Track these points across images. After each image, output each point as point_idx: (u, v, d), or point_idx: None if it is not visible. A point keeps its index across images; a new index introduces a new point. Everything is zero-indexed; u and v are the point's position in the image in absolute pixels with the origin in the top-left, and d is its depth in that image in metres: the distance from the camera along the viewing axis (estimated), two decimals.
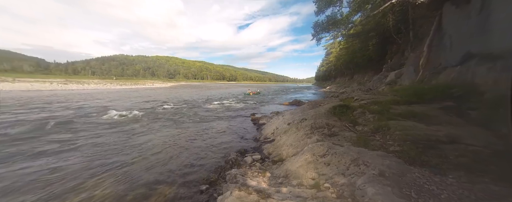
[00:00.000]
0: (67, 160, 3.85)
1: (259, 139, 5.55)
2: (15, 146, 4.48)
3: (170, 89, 33.94)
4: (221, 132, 6.34)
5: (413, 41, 10.06)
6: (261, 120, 8.03)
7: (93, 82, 43.01)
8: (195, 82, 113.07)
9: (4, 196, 2.63)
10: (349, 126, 4.12)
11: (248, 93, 24.06)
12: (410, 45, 10.69)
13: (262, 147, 4.72)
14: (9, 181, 3.00)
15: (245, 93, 24.31)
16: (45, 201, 2.53)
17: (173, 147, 4.74)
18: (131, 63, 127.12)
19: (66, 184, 2.96)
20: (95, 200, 2.59)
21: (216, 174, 3.31)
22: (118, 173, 3.34)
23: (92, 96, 17.38)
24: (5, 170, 3.35)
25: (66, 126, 6.45)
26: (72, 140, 5.10)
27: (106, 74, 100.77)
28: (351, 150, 2.96)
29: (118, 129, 6.34)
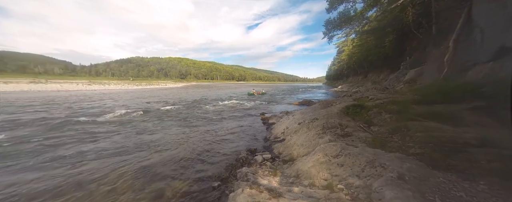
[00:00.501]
0: (91, 153, 4.19)
1: (269, 138, 5.55)
2: (52, 139, 4.98)
3: (181, 89, 35.22)
4: (231, 131, 6.44)
5: (436, 36, 9.29)
6: (271, 119, 8.00)
7: (113, 83, 46.20)
8: (205, 82, 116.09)
9: (39, 184, 2.95)
10: (363, 126, 3.95)
11: (252, 93, 22.23)
12: (432, 41, 9.89)
13: (272, 147, 4.71)
14: (41, 173, 3.36)
15: (249, 93, 22.36)
16: (74, 191, 2.78)
17: (186, 145, 4.93)
18: (146, 65, 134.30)
19: (92, 175, 3.23)
20: (117, 191, 2.79)
21: (227, 172, 3.38)
22: (136, 167, 3.57)
23: (112, 96, 18.67)
24: (34, 162, 3.74)
25: (89, 123, 7.02)
26: (94, 135, 5.54)
27: (124, 75, 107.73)
28: (366, 151, 2.84)
29: (134, 127, 6.74)
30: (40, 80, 37.69)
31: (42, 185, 2.93)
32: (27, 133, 5.58)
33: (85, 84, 37.50)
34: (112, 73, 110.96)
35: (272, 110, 11.44)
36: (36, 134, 5.55)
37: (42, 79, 42.16)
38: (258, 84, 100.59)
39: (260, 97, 20.24)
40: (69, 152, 4.25)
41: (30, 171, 3.38)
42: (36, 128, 6.22)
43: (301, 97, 21.46)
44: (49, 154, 4.12)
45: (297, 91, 34.44)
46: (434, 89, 4.86)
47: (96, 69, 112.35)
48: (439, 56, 6.88)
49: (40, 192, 2.75)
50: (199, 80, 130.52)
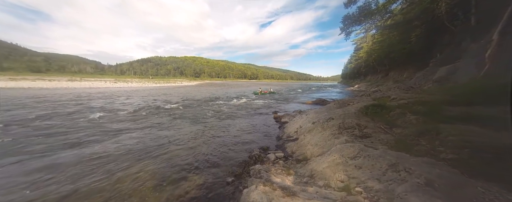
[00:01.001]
0: (115, 145, 4.62)
1: (281, 137, 5.50)
2: (89, 129, 5.61)
3: (196, 87, 36.66)
4: (243, 129, 6.53)
5: (476, 29, 8.15)
6: (284, 118, 7.91)
7: (135, 81, 49.97)
8: (218, 80, 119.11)
9: (76, 170, 3.35)
10: (384, 128, 3.68)
11: (258, 92, 20.50)
12: (470, 34, 8.71)
13: (285, 145, 4.66)
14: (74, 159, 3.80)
15: (255, 93, 20.59)
16: (104, 179, 3.10)
17: (200, 140, 5.14)
18: (164, 64, 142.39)
19: (120, 164, 3.56)
20: (141, 181, 3.04)
21: (240, 168, 3.45)
22: (157, 160, 3.83)
23: (133, 93, 20.22)
24: (71, 153, 4.23)
25: (113, 116, 7.72)
26: (118, 129, 6.07)
27: (144, 74, 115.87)
28: (388, 154, 2.65)
29: (153, 122, 7.23)
30: (76, 79, 42.51)
31: (78, 170, 3.32)
32: (70, 123, 6.36)
33: (111, 82, 41.23)
34: (134, 72, 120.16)
35: (284, 109, 11.30)
36: (75, 124, 6.30)
37: (77, 77, 47.44)
38: (270, 83, 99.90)
39: (270, 96, 19.64)
40: (99, 140, 4.74)
41: (69, 157, 3.85)
42: (72, 121, 7.04)
43: (314, 96, 20.78)
44: (83, 146, 4.65)
45: (310, 90, 33.42)
46: (471, 88, 4.31)
47: (121, 68, 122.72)
48: (479, 51, 6.04)
49: (76, 176, 3.12)
50: (213, 79, 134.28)
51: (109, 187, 2.83)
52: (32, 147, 4.32)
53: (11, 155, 3.87)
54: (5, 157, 3.79)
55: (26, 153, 4.02)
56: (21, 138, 4.90)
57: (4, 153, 3.98)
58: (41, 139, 4.86)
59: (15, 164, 3.53)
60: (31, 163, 3.59)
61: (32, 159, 3.76)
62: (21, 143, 4.52)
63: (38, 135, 5.17)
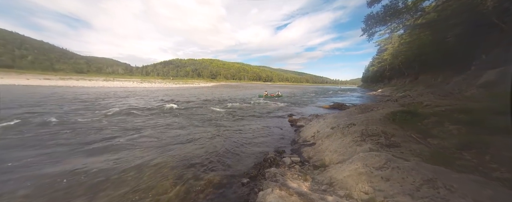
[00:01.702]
0: (141, 140, 5.01)
1: (297, 141, 5.33)
2: (121, 122, 6.24)
3: (212, 89, 38.05)
4: (258, 130, 6.52)
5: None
6: (299, 121, 7.68)
7: (158, 81, 54.19)
8: (233, 82, 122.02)
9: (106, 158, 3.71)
10: (417, 137, 3.30)
11: (263, 95, 18.92)
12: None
13: (301, 150, 4.50)
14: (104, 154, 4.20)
15: (259, 96, 19.04)
16: (129, 170, 3.37)
17: (216, 140, 5.27)
18: (183, 66, 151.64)
19: (144, 158, 3.85)
20: (162, 174, 3.23)
21: (255, 170, 3.43)
22: (176, 157, 4.04)
23: (157, 93, 21.88)
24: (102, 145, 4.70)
25: (139, 114, 8.41)
26: (141, 125, 6.59)
27: (166, 75, 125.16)
28: (423, 167, 2.36)
29: (173, 120, 7.68)
30: (110, 79, 47.96)
31: (104, 163, 3.68)
32: (111, 114, 7.16)
33: (137, 82, 45.37)
34: (157, 73, 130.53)
35: (300, 112, 10.98)
36: (113, 117, 7.06)
37: (111, 78, 53.44)
38: (285, 86, 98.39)
39: (279, 99, 18.69)
40: (128, 134, 5.22)
41: (97, 152, 4.30)
42: (107, 115, 7.89)
43: (331, 100, 19.80)
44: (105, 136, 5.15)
45: (327, 94, 31.98)
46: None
47: (146, 70, 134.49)
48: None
49: (101, 169, 3.46)
50: (228, 80, 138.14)
51: (134, 178, 3.08)
52: (80, 137, 4.95)
53: (62, 145, 4.50)
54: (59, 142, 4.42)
55: (74, 142, 4.62)
56: (77, 128, 5.67)
57: (56, 140, 4.64)
58: (84, 131, 5.55)
59: (62, 149, 4.08)
60: (76, 150, 4.11)
61: (76, 148, 4.30)
62: (73, 131, 5.23)
63: (79, 128, 5.91)
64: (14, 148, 4.11)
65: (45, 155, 3.83)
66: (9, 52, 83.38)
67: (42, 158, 3.71)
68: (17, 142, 4.50)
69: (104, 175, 3.11)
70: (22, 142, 4.47)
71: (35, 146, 4.29)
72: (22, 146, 4.24)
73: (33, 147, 4.20)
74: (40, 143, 4.45)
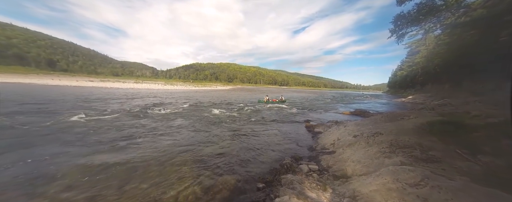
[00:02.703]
0: (160, 140, 5.38)
1: (315, 148, 5.07)
2: (149, 118, 6.85)
3: (229, 92, 39.18)
4: (274, 135, 6.42)
5: None
6: (317, 128, 7.33)
7: (179, 84, 58.20)
8: (249, 86, 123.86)
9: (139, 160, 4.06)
10: (463, 153, 2.83)
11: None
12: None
13: (320, 158, 4.25)
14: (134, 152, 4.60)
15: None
16: (153, 166, 3.62)
17: (232, 142, 5.35)
18: (202, 69, 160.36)
19: (165, 155, 4.11)
20: (181, 173, 3.39)
21: (271, 175, 3.35)
22: (193, 157, 4.21)
23: (178, 95, 23.44)
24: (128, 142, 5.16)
25: (162, 112, 9.08)
26: (167, 125, 7.08)
27: (186, 78, 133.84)
28: (473, 189, 1.99)
29: (191, 121, 8.08)
30: (139, 81, 53.38)
31: (130, 160, 4.03)
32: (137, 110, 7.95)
33: (161, 84, 49.47)
34: (179, 76, 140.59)
35: (317, 118, 10.50)
36: (137, 116, 7.81)
37: (140, 80, 59.49)
38: (302, 90, 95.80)
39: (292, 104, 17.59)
40: (155, 132, 5.68)
41: (124, 149, 4.74)
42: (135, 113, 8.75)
43: (352, 106, 18.48)
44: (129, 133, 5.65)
45: (348, 100, 30.00)
46: None
47: (169, 73, 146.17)
48: None
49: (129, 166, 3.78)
50: (244, 84, 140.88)
51: (157, 174, 3.30)
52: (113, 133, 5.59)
53: (102, 134, 5.12)
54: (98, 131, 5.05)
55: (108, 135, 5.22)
56: (114, 122, 6.45)
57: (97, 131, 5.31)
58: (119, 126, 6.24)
59: (100, 139, 4.64)
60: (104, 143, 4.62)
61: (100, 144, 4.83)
62: (110, 125, 5.94)
63: (112, 126, 6.65)
64: (75, 134, 4.82)
65: (80, 147, 4.40)
66: (65, 59, 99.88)
67: (79, 149, 4.27)
68: (79, 129, 5.28)
69: (132, 169, 3.41)
70: (84, 130, 5.23)
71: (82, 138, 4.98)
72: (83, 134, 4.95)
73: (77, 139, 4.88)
74: (84, 137, 5.14)
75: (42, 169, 3.27)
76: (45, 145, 4.40)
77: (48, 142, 4.56)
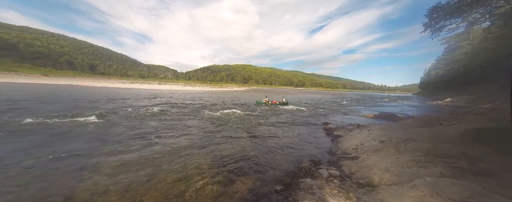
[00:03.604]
0: (182, 138, 5.68)
1: (335, 152, 4.78)
2: (168, 115, 7.37)
3: (244, 93, 39.76)
4: (291, 137, 6.26)
5: None
6: (337, 131, 6.91)
7: (197, 85, 61.22)
8: (264, 87, 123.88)
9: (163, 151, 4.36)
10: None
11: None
12: None
13: (341, 163, 3.99)
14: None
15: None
16: (175, 162, 3.84)
17: (248, 143, 5.38)
18: (219, 71, 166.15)
19: (186, 151, 4.33)
20: (201, 170, 3.52)
21: (289, 178, 3.25)
22: (212, 155, 4.35)
23: (197, 95, 24.66)
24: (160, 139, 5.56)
25: (181, 111, 9.62)
26: (185, 124, 7.47)
27: (204, 80, 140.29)
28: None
29: (207, 121, 8.37)
30: (161, 82, 57.90)
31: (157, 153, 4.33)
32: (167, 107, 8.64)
33: (181, 85, 52.70)
34: (197, 78, 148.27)
35: (336, 121, 9.93)
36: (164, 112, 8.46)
37: (162, 81, 64.43)
38: (318, 91, 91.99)
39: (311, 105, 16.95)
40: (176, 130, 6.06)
41: (155, 143, 5.12)
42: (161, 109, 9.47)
43: (376, 109, 16.99)
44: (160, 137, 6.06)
45: (370, 102, 27.74)
46: None
47: (188, 75, 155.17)
48: None
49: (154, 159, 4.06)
50: (259, 85, 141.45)
51: (179, 169, 3.49)
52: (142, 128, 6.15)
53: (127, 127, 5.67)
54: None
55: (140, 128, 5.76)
56: (143, 118, 7.12)
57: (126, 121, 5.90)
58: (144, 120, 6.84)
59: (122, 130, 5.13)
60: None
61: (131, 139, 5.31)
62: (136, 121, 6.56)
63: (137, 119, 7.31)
64: (113, 127, 5.47)
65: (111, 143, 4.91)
66: (103, 63, 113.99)
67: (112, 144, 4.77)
68: (116, 121, 5.98)
69: (158, 163, 3.68)
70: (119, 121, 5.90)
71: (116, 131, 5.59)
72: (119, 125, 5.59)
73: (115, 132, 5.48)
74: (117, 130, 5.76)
75: (87, 157, 3.75)
76: (89, 137, 5.05)
77: (93, 134, 5.23)
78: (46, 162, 3.55)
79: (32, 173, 3.15)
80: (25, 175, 3.08)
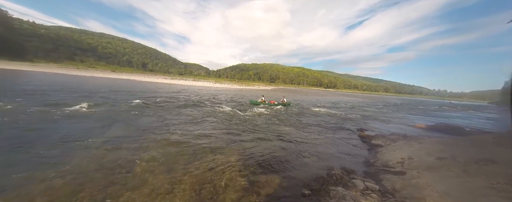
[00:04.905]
0: (215, 131, 6.08)
1: (373, 163, 4.19)
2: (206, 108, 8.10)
3: (270, 92, 39.64)
4: (321, 141, 5.87)
5: None
6: (375, 139, 6.05)
7: (226, 83, 64.87)
8: (291, 87, 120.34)
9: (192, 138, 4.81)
10: None
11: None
12: None
13: (381, 176, 3.46)
14: None
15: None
16: (207, 154, 4.16)
17: (277, 142, 5.33)
18: (247, 70, 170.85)
19: (218, 144, 4.64)
20: (231, 163, 3.71)
21: (317, 184, 3.05)
22: (240, 151, 4.51)
23: (227, 92, 26.08)
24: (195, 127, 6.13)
25: (214, 108, 10.33)
26: (213, 119, 7.99)
27: (232, 78, 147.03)
28: None
29: (238, 117, 8.70)
30: (195, 79, 64.06)
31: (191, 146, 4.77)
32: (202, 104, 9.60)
33: (212, 82, 56.89)
34: (226, 76, 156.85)
35: (375, 128, 8.71)
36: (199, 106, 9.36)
37: (196, 78, 71.11)
38: (354, 94, 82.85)
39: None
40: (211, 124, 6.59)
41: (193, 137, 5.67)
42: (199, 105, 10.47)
43: (431, 119, 13.98)
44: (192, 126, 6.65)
45: (421, 110, 23.07)
46: None
47: (219, 73, 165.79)
48: None
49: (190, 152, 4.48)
50: (286, 85, 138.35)
51: (211, 160, 3.78)
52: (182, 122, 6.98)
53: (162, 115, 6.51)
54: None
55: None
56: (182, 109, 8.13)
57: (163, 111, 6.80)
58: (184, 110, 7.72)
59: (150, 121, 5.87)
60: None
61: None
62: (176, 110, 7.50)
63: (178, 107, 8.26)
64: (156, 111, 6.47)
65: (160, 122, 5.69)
66: (151, 62, 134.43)
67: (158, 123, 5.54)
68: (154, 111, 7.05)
69: (192, 152, 4.07)
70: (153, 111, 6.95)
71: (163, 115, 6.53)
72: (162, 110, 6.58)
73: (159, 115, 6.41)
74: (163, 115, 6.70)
75: (137, 138, 4.51)
76: (144, 119, 6.07)
77: (149, 117, 6.26)
78: (114, 137, 4.45)
79: (110, 142, 3.99)
80: (106, 144, 3.93)
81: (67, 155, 3.43)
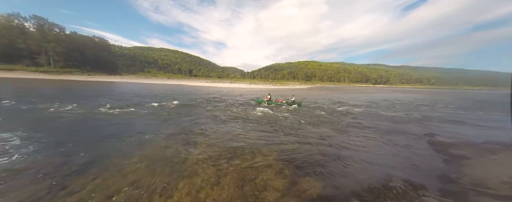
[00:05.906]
0: (255, 130, 6.27)
1: (456, 179, 3.17)
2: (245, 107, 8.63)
3: (307, 91, 37.45)
4: (375, 144, 5.02)
5: None
6: (456, 148, 4.57)
7: (260, 83, 66.30)
8: (330, 84, 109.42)
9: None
10: None
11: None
12: None
13: (472, 199, 2.56)
14: None
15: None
16: (246, 149, 4.33)
17: (318, 143, 4.94)
18: (280, 69, 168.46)
19: (255, 141, 4.76)
20: (269, 161, 3.73)
21: (371, 196, 2.60)
22: (279, 151, 4.45)
23: (262, 92, 26.61)
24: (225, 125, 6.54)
25: (253, 107, 10.70)
26: (253, 118, 8.22)
27: (266, 78, 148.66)
28: None
29: (276, 117, 8.64)
30: (232, 81, 68.88)
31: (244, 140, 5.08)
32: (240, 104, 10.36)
33: (247, 83, 59.49)
34: (260, 76, 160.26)
35: (451, 133, 6.60)
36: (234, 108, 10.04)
37: (232, 80, 76.34)
38: (414, 90, 66.44)
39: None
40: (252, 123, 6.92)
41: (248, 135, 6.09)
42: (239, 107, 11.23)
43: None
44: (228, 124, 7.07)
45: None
46: None
47: (253, 74, 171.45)
48: None
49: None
50: (324, 83, 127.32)
51: (250, 157, 3.92)
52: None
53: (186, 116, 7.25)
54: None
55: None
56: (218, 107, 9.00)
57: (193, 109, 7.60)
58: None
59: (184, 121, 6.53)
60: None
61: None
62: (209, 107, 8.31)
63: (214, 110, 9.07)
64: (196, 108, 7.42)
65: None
66: (195, 68, 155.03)
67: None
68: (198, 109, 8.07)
69: (233, 149, 4.35)
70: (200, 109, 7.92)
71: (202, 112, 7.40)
72: None
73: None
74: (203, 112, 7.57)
75: (193, 129, 5.26)
76: (206, 115, 7.07)
77: (205, 112, 7.29)
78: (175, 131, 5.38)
79: (165, 133, 4.88)
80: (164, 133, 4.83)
81: (141, 145, 4.41)
